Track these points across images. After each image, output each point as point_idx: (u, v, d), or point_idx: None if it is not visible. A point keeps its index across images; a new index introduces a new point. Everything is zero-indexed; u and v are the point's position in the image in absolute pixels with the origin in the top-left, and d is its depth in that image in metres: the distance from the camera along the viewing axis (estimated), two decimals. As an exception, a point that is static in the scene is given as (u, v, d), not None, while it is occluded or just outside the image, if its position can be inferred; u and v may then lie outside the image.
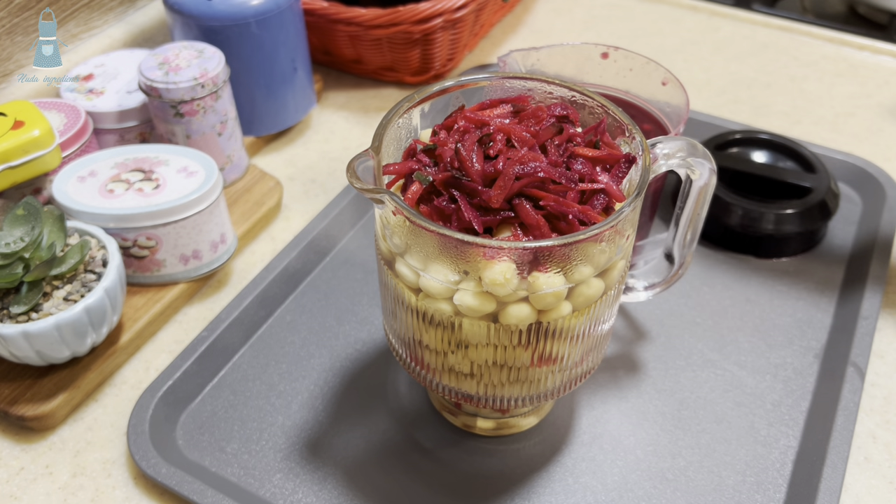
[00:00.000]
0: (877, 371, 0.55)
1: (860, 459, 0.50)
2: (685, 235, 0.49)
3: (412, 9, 0.72)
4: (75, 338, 0.50)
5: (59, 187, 0.56)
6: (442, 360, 0.43)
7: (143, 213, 0.54)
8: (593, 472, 0.50)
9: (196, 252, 0.57)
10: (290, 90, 0.71)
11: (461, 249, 0.38)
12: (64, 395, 0.52)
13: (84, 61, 0.67)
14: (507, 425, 0.51)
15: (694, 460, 0.50)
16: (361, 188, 0.39)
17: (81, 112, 0.60)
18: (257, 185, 0.67)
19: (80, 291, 0.50)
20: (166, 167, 0.57)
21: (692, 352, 0.56)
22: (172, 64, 0.60)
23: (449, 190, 0.39)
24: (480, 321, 0.40)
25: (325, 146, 0.74)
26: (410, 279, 0.41)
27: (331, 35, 0.76)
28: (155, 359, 0.56)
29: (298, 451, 0.51)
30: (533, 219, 0.38)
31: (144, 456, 0.48)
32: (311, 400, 0.53)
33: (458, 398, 0.45)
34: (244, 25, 0.64)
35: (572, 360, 0.44)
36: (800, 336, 0.57)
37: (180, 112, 0.60)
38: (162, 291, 0.58)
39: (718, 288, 0.61)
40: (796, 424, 0.52)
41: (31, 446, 0.51)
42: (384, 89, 0.80)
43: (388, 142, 0.43)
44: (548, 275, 0.38)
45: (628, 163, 0.40)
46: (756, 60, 0.84)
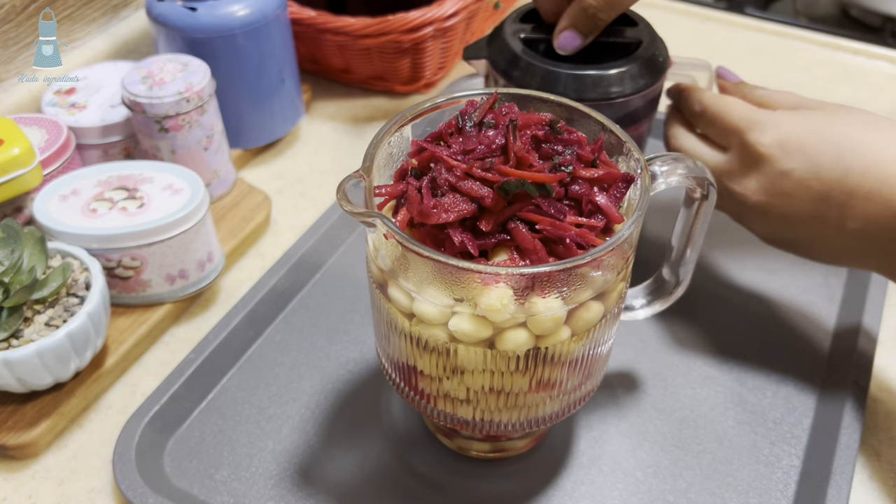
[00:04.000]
0: (879, 386, 0.54)
1: (864, 478, 0.49)
2: (684, 253, 0.48)
3: (402, 18, 0.71)
4: (58, 364, 0.48)
5: (41, 207, 0.54)
6: (437, 385, 0.42)
7: (128, 234, 0.53)
8: (593, 496, 0.48)
9: (182, 271, 0.56)
10: (278, 101, 0.69)
11: (456, 275, 0.36)
12: (47, 423, 0.50)
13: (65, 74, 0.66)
14: (503, 448, 0.50)
15: (695, 482, 0.49)
16: (352, 212, 0.37)
17: (63, 128, 0.59)
18: (245, 199, 0.65)
19: (62, 316, 0.49)
20: (151, 185, 0.56)
21: (691, 368, 0.55)
22: (156, 78, 0.59)
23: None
24: (476, 347, 0.39)
25: (314, 158, 0.72)
26: (404, 304, 0.40)
27: (319, 45, 0.74)
28: (141, 382, 0.54)
29: (290, 477, 0.49)
30: (529, 243, 0.37)
31: (131, 485, 0.47)
32: (302, 424, 0.52)
33: (454, 424, 0.44)
34: (230, 37, 0.63)
35: (571, 385, 0.43)
36: (801, 351, 0.56)
37: (165, 127, 0.59)
38: (148, 312, 0.56)
39: (717, 302, 0.60)
40: (799, 443, 0.51)
41: (14, 475, 0.49)
42: (374, 99, 0.79)
43: (380, 161, 0.41)
44: (546, 299, 0.37)
45: (626, 183, 0.39)
46: (750, 66, 0.83)
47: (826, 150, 0.47)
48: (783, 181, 0.48)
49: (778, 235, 0.51)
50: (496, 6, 0.84)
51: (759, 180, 0.49)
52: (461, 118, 0.41)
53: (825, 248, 0.50)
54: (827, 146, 0.47)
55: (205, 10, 0.62)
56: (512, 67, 0.54)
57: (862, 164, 0.46)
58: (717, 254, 0.63)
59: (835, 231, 0.48)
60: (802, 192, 0.48)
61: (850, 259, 0.50)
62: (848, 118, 0.49)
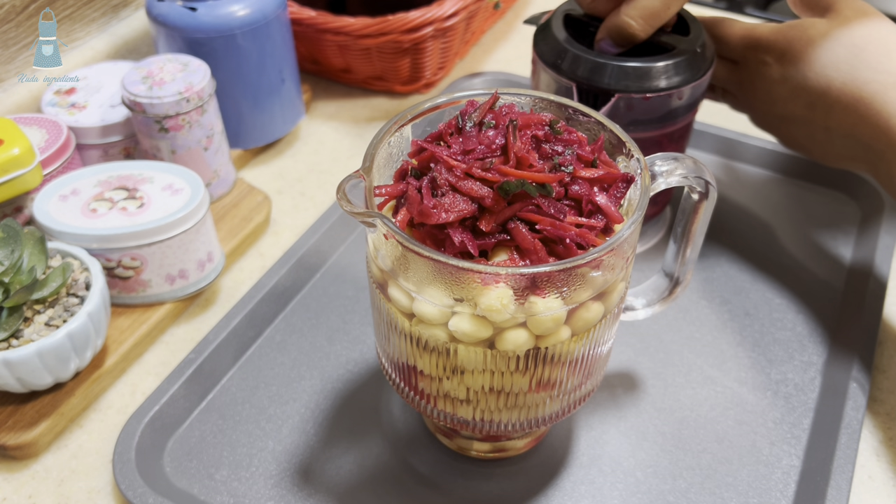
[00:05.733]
0: (879, 386, 0.54)
1: (864, 478, 0.49)
2: (684, 253, 0.48)
3: (402, 18, 0.71)
4: (58, 364, 0.48)
5: (41, 207, 0.54)
6: (437, 385, 0.42)
7: (128, 234, 0.53)
8: (593, 496, 0.48)
9: (182, 271, 0.56)
10: (278, 101, 0.69)
11: (456, 275, 0.36)
12: (47, 422, 0.50)
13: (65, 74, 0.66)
14: (503, 448, 0.50)
15: (695, 482, 0.49)
16: (352, 212, 0.37)
17: (63, 128, 0.58)
18: (245, 199, 0.65)
19: (62, 316, 0.49)
20: (151, 185, 0.56)
21: (691, 368, 0.55)
22: (156, 78, 0.59)
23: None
24: (476, 347, 0.39)
25: (314, 158, 0.72)
26: (404, 304, 0.40)
27: (319, 45, 0.74)
28: (141, 382, 0.54)
29: (290, 478, 0.49)
30: (529, 243, 0.37)
31: (131, 485, 0.47)
32: (302, 424, 0.52)
33: (454, 424, 0.44)
34: (230, 37, 0.63)
35: (571, 385, 0.42)
36: (800, 351, 0.56)
37: (165, 127, 0.59)
38: (148, 312, 0.56)
39: (717, 302, 0.60)
40: (799, 443, 0.51)
41: (14, 476, 0.49)
42: (374, 99, 0.79)
43: (380, 161, 0.41)
44: (546, 299, 0.37)
45: (626, 183, 0.39)
46: (750, 66, 0.83)
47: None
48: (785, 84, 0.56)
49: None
50: (496, 6, 0.84)
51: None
52: (461, 118, 0.41)
53: (820, 148, 0.58)
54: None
55: (205, 10, 0.62)
56: (557, 57, 0.54)
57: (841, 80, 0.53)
58: (717, 254, 0.63)
59: (823, 132, 0.56)
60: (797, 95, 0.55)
61: (844, 161, 0.57)
62: (860, 30, 0.54)
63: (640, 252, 0.63)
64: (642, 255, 0.63)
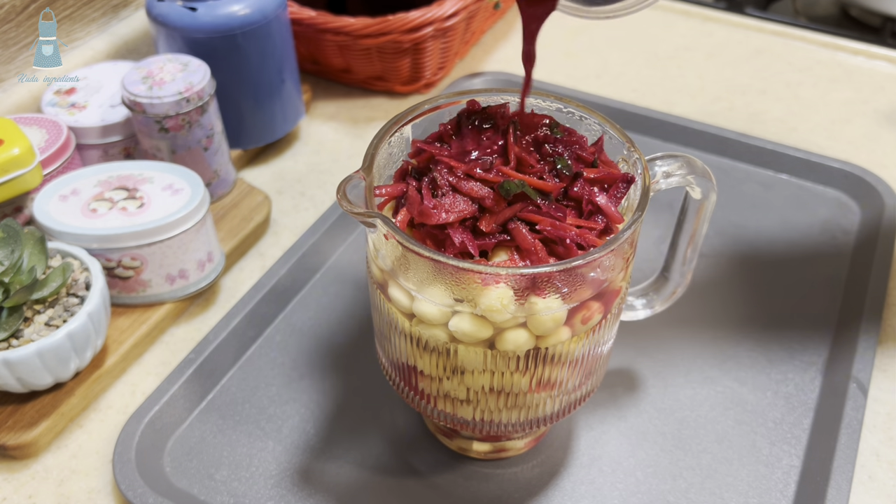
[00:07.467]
0: (879, 386, 0.54)
1: (864, 478, 0.49)
2: (685, 253, 0.48)
3: (402, 18, 0.71)
4: (58, 364, 0.48)
5: (41, 207, 0.54)
6: (437, 385, 0.42)
7: (128, 234, 0.53)
8: (593, 496, 0.48)
9: (182, 271, 0.56)
10: (278, 101, 0.69)
11: (456, 275, 0.36)
12: (47, 422, 0.50)
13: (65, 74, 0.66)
14: (503, 448, 0.50)
15: (695, 482, 0.49)
16: (352, 211, 0.37)
17: (63, 128, 0.58)
18: (245, 199, 0.65)
19: (62, 316, 0.49)
20: (151, 185, 0.56)
21: (691, 368, 0.55)
22: (156, 78, 0.59)
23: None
24: (476, 347, 0.39)
25: (314, 158, 0.72)
26: (404, 304, 0.40)
27: (319, 45, 0.74)
28: (141, 382, 0.54)
29: (290, 478, 0.49)
30: (529, 243, 0.37)
31: (131, 485, 0.47)
32: (302, 424, 0.52)
33: (454, 424, 0.44)
34: (230, 37, 0.63)
35: (571, 384, 0.43)
36: (801, 350, 0.56)
37: (165, 127, 0.59)
38: (148, 312, 0.56)
39: (717, 302, 0.60)
40: (799, 443, 0.51)
41: (14, 476, 0.49)
42: (374, 99, 0.79)
43: (380, 161, 0.41)
44: (546, 299, 0.37)
45: (626, 183, 0.39)
46: (750, 66, 0.83)
47: None
48: None
49: None
50: (496, 6, 0.84)
51: None
52: (461, 118, 0.41)
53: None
54: None
55: (205, 10, 0.62)
56: None
57: None
58: (717, 254, 0.63)
59: None
60: None
61: None
62: None
63: (640, 252, 0.63)
64: (642, 255, 0.63)
